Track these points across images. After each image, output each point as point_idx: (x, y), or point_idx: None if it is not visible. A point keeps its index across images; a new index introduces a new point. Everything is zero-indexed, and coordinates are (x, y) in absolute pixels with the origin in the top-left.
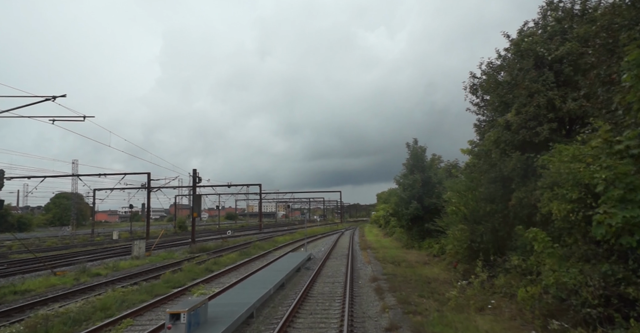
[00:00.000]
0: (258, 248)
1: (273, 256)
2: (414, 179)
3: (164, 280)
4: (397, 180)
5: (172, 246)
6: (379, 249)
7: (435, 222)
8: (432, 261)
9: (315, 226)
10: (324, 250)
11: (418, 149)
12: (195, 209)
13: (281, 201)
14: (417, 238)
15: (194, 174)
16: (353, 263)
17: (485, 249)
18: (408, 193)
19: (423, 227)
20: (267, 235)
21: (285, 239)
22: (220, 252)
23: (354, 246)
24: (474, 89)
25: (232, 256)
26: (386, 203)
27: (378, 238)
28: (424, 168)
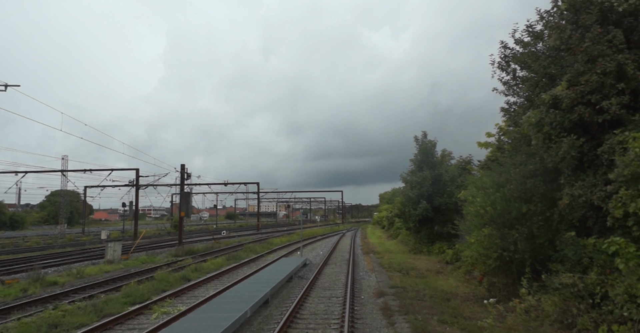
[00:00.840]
0: (250, 251)
1: (264, 261)
2: (423, 176)
3: (125, 293)
4: (403, 178)
5: (159, 247)
6: (383, 253)
7: (447, 224)
8: (445, 270)
9: (315, 227)
10: (322, 254)
11: (427, 144)
12: (182, 208)
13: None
14: (425, 241)
15: (181, 170)
16: (354, 270)
17: (520, 260)
18: (416, 191)
19: (432, 230)
20: (264, 236)
21: (282, 241)
22: (208, 255)
23: (356, 250)
24: (505, 63)
25: (217, 261)
26: (390, 204)
27: (382, 241)
28: (434, 165)
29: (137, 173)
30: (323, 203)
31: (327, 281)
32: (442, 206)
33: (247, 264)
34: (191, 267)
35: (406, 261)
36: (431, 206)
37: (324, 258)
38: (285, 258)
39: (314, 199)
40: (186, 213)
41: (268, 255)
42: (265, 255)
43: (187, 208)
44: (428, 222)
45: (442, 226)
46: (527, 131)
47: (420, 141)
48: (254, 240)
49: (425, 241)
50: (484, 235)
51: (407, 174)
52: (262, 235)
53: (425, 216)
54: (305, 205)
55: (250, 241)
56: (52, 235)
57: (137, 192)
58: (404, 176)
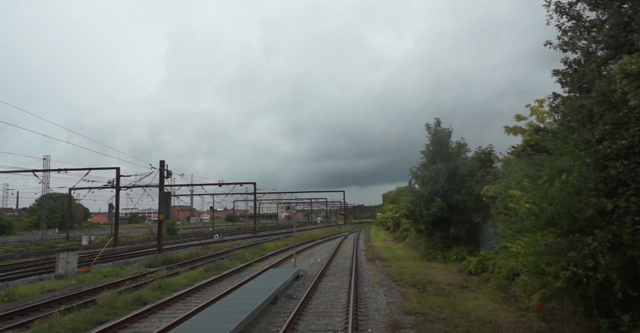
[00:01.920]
0: (237, 259)
1: (250, 272)
2: (437, 170)
3: (36, 330)
4: (413, 173)
5: (137, 255)
6: (390, 260)
7: (464, 225)
8: (470, 283)
9: (315, 229)
10: (321, 262)
11: (441, 133)
12: (162, 210)
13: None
14: (440, 246)
15: (160, 168)
16: (357, 285)
17: (602, 281)
18: (429, 187)
19: (448, 232)
20: (260, 240)
21: (277, 245)
22: (189, 264)
23: (359, 256)
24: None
25: (192, 274)
26: (394, 203)
27: (387, 244)
28: (449, 156)
29: (118, 173)
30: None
31: (323, 302)
32: (459, 205)
33: (229, 277)
34: (155, 283)
35: (419, 270)
36: (446, 204)
37: (322, 267)
38: (274, 269)
39: (315, 200)
40: (166, 216)
41: (258, 263)
42: (254, 263)
43: (168, 210)
44: (443, 223)
45: (460, 227)
46: (619, 87)
47: (433, 129)
48: (247, 245)
49: (439, 245)
50: (543, 243)
51: (417, 169)
52: (259, 238)
53: (439, 217)
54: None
55: (242, 246)
56: (33, 241)
57: (118, 193)
58: (414, 170)
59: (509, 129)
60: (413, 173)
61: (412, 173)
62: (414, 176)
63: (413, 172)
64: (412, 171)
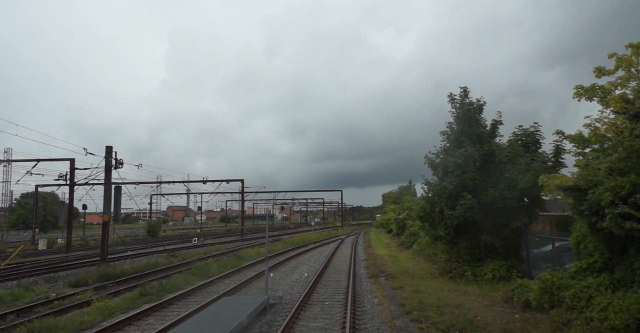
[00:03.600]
0: (197, 275)
1: (204, 297)
2: (465, 155)
3: None
4: (430, 160)
5: (77, 266)
6: (400, 277)
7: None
8: (538, 328)
9: (309, 232)
10: (307, 278)
11: (469, 106)
12: (107, 208)
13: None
14: (468, 259)
15: (107, 155)
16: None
17: None
18: (454, 179)
19: (478, 241)
20: (245, 244)
21: (259, 253)
22: (132, 281)
23: (357, 268)
24: None
25: (113, 303)
26: (397, 204)
27: (392, 252)
28: (480, 137)
29: (72, 165)
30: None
31: None
32: (496, 203)
33: (164, 309)
34: (33, 326)
35: (446, 298)
36: (478, 202)
37: (306, 287)
38: (235, 296)
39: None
40: (115, 216)
41: (223, 280)
42: (217, 281)
43: (117, 209)
44: (472, 228)
45: (496, 234)
46: None
47: (458, 102)
48: (226, 251)
49: (467, 258)
50: None
51: (435, 155)
52: (244, 242)
53: (468, 219)
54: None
55: (219, 252)
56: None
57: (72, 190)
58: (431, 157)
59: (580, 93)
60: (430, 160)
61: (429, 160)
62: (431, 164)
63: (430, 160)
64: (428, 158)
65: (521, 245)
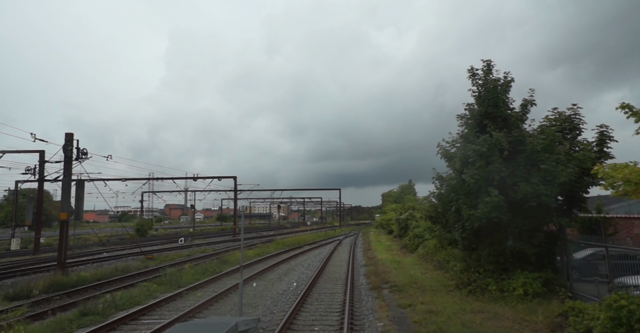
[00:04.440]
0: (166, 284)
1: (160, 316)
2: (489, 142)
3: None
4: (444, 150)
5: (36, 271)
6: (408, 290)
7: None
8: None
9: (305, 232)
10: (295, 290)
11: (494, 83)
12: (65, 205)
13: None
14: (490, 269)
15: (66, 145)
16: None
17: None
18: (476, 172)
19: (503, 247)
20: (235, 245)
21: (247, 255)
22: (88, 291)
23: (356, 277)
24: None
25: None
26: (397, 203)
27: (394, 256)
28: (507, 121)
29: (42, 158)
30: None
31: None
32: (529, 200)
33: None
34: None
35: (473, 325)
36: (506, 199)
37: (292, 305)
38: (193, 322)
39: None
40: (77, 214)
41: (192, 292)
42: (186, 293)
43: (79, 205)
44: (496, 231)
45: (527, 239)
46: None
47: (481, 78)
48: (213, 253)
49: (489, 268)
50: None
51: (450, 144)
52: (236, 242)
53: (493, 220)
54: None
55: (203, 255)
56: None
57: (41, 185)
58: (445, 146)
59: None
60: (444, 150)
61: (443, 150)
62: (445, 155)
63: (444, 149)
64: (441, 147)
65: (557, 253)
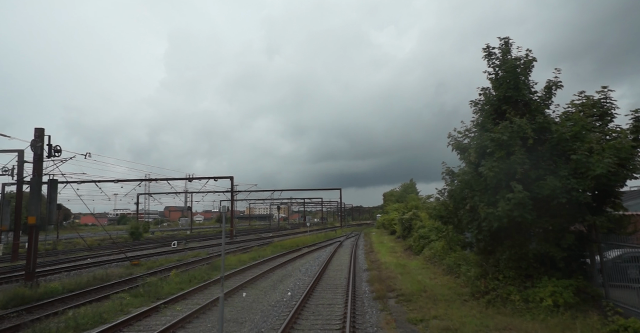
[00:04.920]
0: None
1: None
2: (511, 129)
3: None
4: (456, 141)
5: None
6: (417, 299)
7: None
8: None
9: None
10: (289, 301)
11: (513, 62)
12: (33, 209)
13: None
14: (511, 276)
15: (35, 138)
16: None
17: None
18: (496, 164)
19: (526, 250)
20: (231, 248)
21: (241, 260)
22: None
23: (359, 284)
24: None
25: None
26: (400, 203)
27: (399, 259)
28: (529, 106)
29: (21, 158)
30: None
31: None
32: (557, 197)
33: None
34: None
35: None
36: (530, 195)
37: (284, 321)
38: None
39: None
40: (49, 218)
41: (171, 305)
42: (164, 306)
43: (51, 208)
44: (515, 232)
45: (553, 241)
46: None
47: (498, 58)
48: (206, 257)
49: (510, 274)
50: None
51: (463, 134)
52: (231, 245)
53: (515, 219)
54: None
55: (195, 259)
56: None
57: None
58: (457, 137)
59: None
60: (456, 141)
61: (455, 141)
62: (457, 146)
63: (455, 140)
64: (452, 137)
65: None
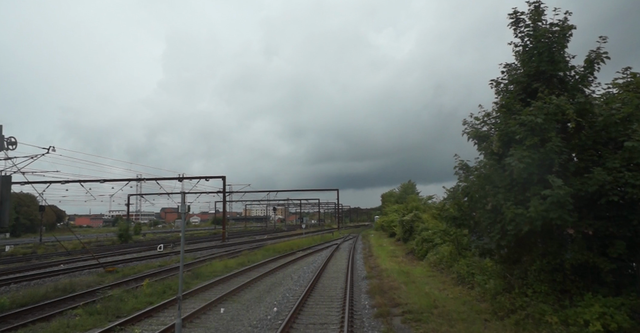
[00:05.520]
0: (102, 313)
1: None
2: (547, 110)
3: None
4: (473, 128)
5: None
6: (427, 318)
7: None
8: None
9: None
10: (274, 319)
11: (545, 31)
12: None
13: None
14: (543, 290)
15: None
16: None
17: None
18: (527, 154)
19: (562, 260)
20: (221, 252)
21: (228, 266)
22: None
23: (357, 295)
24: None
25: None
26: (400, 203)
27: (401, 264)
28: (565, 83)
29: None
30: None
31: None
32: (606, 193)
33: None
34: None
35: None
36: (572, 191)
37: None
38: None
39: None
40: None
41: (127, 329)
42: (118, 330)
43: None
44: (547, 237)
45: (602, 249)
46: None
47: (528, 25)
48: (192, 262)
49: (542, 289)
50: None
51: (481, 120)
52: (222, 248)
53: (554, 223)
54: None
55: (178, 265)
56: None
57: None
58: (473, 124)
59: None
60: (473, 129)
61: (472, 129)
62: (475, 135)
63: (473, 128)
64: (468, 124)
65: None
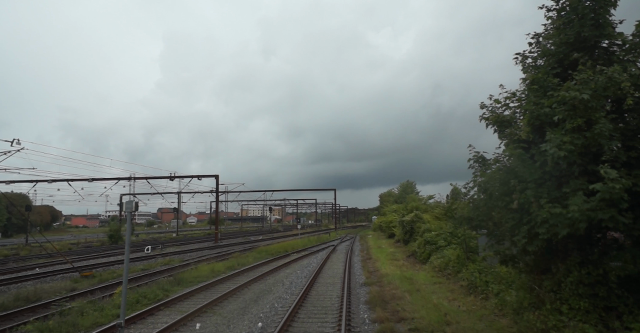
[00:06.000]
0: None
1: None
2: (596, 83)
3: None
4: (493, 113)
5: None
6: None
7: None
8: None
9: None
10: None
11: None
12: None
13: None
14: (583, 307)
15: None
16: None
17: None
18: (568, 139)
19: (605, 271)
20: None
21: (215, 270)
22: None
23: (354, 306)
24: None
25: None
26: (399, 203)
27: (402, 268)
28: (611, 54)
29: None
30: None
31: None
32: None
33: None
34: None
35: None
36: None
37: None
38: None
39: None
40: None
41: None
42: None
43: None
44: (585, 243)
45: None
46: None
47: None
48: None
49: (580, 305)
50: None
51: (503, 104)
52: (213, 250)
53: (601, 225)
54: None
55: (165, 268)
56: None
57: None
58: (494, 108)
59: None
60: (494, 115)
61: (492, 114)
62: (496, 120)
63: (493, 113)
64: (488, 108)
65: None
